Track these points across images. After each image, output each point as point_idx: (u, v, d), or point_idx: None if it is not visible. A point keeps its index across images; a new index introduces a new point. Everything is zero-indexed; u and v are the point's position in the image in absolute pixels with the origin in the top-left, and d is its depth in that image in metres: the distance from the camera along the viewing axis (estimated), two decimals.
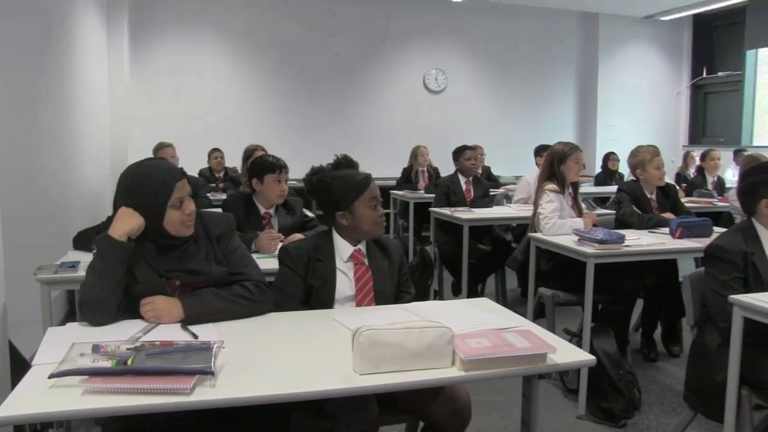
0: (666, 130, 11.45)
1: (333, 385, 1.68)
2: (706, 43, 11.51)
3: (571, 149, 4.30)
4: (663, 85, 11.54)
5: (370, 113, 9.91)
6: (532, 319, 3.98)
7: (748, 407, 2.56)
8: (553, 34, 10.91)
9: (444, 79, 10.28)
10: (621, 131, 10.86)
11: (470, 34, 10.34)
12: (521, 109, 10.76)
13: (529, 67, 10.78)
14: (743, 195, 2.88)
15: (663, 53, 11.48)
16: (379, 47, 9.88)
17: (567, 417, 3.55)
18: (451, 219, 5.24)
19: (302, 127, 9.54)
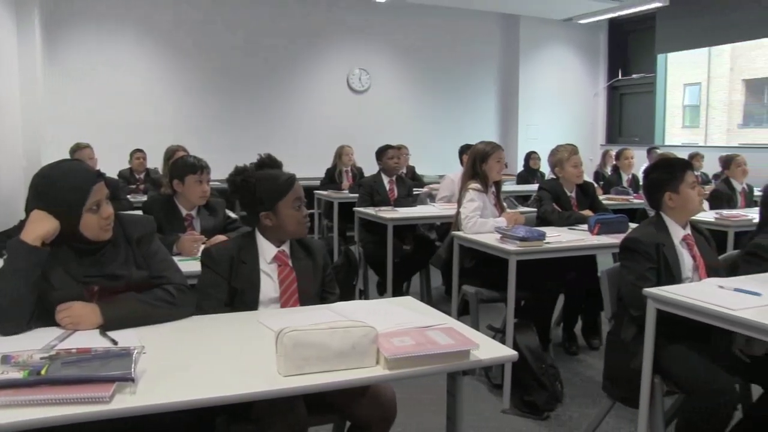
0: (584, 129, 11.79)
1: (257, 387, 1.66)
2: (621, 46, 11.91)
3: (493, 148, 4.37)
4: (581, 86, 11.88)
5: (294, 113, 9.84)
6: (457, 317, 4.05)
7: (659, 394, 2.66)
8: (476, 35, 11.08)
9: (368, 79, 10.30)
10: (542, 130, 11.12)
11: (394, 34, 10.40)
12: (444, 108, 10.89)
13: (452, 67, 10.91)
14: (648, 192, 3.02)
15: (581, 55, 11.81)
16: (302, 47, 9.82)
17: (492, 411, 3.61)
18: (376, 218, 5.26)
19: (224, 127, 9.39)
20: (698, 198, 2.93)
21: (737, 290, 2.51)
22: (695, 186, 2.92)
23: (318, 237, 7.76)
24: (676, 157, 3.41)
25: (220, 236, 3.39)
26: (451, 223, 4.46)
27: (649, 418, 2.67)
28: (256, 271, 2.44)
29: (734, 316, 2.24)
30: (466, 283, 4.15)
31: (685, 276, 2.83)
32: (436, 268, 4.86)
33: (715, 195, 6.17)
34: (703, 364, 2.55)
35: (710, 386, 2.47)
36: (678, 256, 2.85)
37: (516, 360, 2.03)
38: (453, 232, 4.25)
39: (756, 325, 2.18)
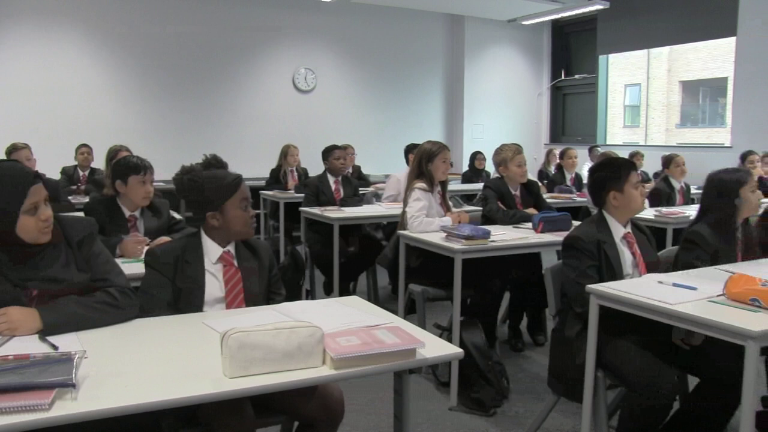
0: (528, 128, 11.96)
1: (203, 390, 1.64)
2: (564, 47, 12.13)
3: (439, 148, 4.39)
4: (525, 86, 12.04)
5: (239, 113, 9.74)
6: (403, 316, 4.06)
7: (602, 388, 2.72)
8: (421, 35, 11.13)
9: (313, 79, 10.26)
10: (487, 130, 11.24)
11: (339, 33, 10.38)
12: (391, 108, 10.91)
13: (398, 67, 10.95)
14: (592, 189, 3.07)
15: (525, 56, 11.98)
16: (247, 46, 9.72)
17: (439, 409, 3.63)
18: (321, 218, 5.24)
19: (169, 127, 9.23)
20: (641, 198, 3.00)
21: (675, 285, 2.58)
22: (638, 186, 2.99)
23: (264, 237, 7.71)
24: (621, 157, 3.51)
25: (164, 237, 3.34)
26: (397, 223, 4.47)
27: (592, 411, 2.73)
28: (201, 271, 2.42)
29: (673, 310, 2.31)
30: (413, 282, 4.16)
31: (626, 272, 2.90)
32: (382, 267, 4.86)
33: (654, 193, 6.34)
34: (643, 357, 2.62)
35: (650, 379, 2.53)
36: (619, 254, 2.91)
37: (462, 357, 2.05)
38: (399, 231, 4.25)
39: (693, 318, 2.26)
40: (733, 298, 2.37)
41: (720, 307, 2.32)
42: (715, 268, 2.92)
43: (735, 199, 3.12)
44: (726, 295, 2.41)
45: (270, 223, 7.68)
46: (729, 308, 2.31)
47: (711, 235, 3.08)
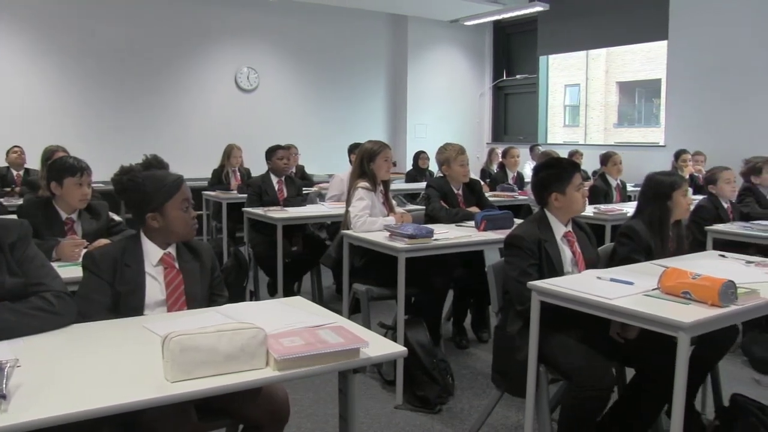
0: (471, 128, 12.07)
1: (144, 395, 1.60)
2: (505, 48, 12.29)
3: (381, 147, 4.40)
4: (468, 86, 12.15)
5: (180, 113, 9.58)
6: (348, 315, 4.06)
7: (545, 382, 2.77)
8: (364, 34, 11.14)
9: (256, 78, 10.16)
10: (430, 129, 11.30)
11: (282, 32, 10.30)
12: (334, 108, 10.88)
13: (341, 66, 10.93)
14: (535, 189, 3.13)
15: (467, 56, 12.08)
16: (189, 45, 9.55)
17: (385, 408, 3.65)
18: (265, 219, 5.20)
19: (107, 127, 8.99)
20: (582, 200, 3.07)
21: (613, 280, 2.66)
22: (581, 188, 3.05)
23: (207, 239, 7.61)
24: (565, 158, 3.60)
25: (103, 240, 3.26)
26: (341, 222, 4.47)
27: (535, 405, 2.77)
28: (141, 274, 2.37)
29: (611, 304, 2.37)
30: (357, 282, 4.16)
31: (566, 270, 2.96)
32: (326, 267, 4.86)
33: (592, 191, 6.48)
34: (582, 351, 2.68)
35: (590, 372, 2.60)
36: (559, 252, 2.98)
37: (406, 356, 2.06)
38: (343, 231, 4.25)
39: (629, 312, 2.33)
40: (666, 292, 2.46)
41: (654, 301, 2.40)
42: (651, 263, 3.03)
43: (668, 201, 3.25)
44: (660, 288, 2.49)
45: (213, 224, 7.58)
46: (663, 301, 2.39)
47: (645, 231, 3.21)
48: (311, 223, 5.82)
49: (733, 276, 2.43)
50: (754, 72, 8.14)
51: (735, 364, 4.33)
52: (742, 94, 8.25)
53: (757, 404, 3.12)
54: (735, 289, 2.35)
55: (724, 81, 8.42)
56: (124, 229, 3.58)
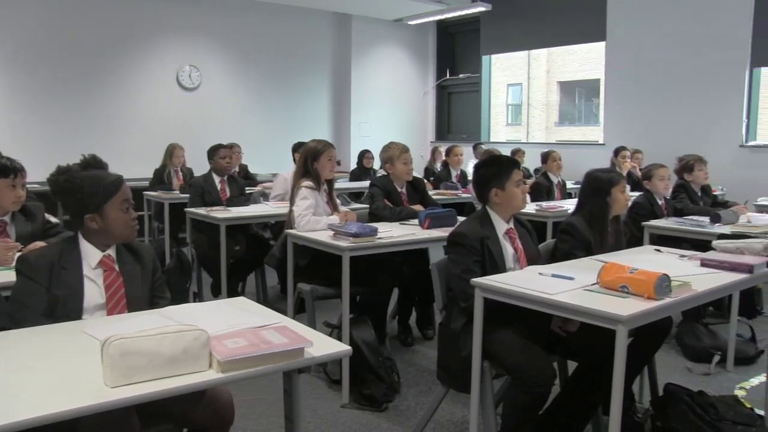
0: (415, 126, 12.14)
1: (82, 402, 1.56)
2: (449, 47, 12.39)
3: (325, 147, 4.39)
4: (411, 85, 12.21)
5: (120, 111, 9.35)
6: (293, 315, 4.04)
7: (489, 378, 2.81)
8: (308, 33, 11.07)
9: (198, 76, 10.00)
10: (374, 128, 11.32)
11: (226, 30, 10.16)
12: (278, 106, 10.80)
13: (285, 65, 10.84)
14: (476, 186, 3.17)
15: (411, 55, 12.14)
16: (128, 41, 9.32)
17: (331, 407, 3.63)
18: (208, 219, 5.13)
19: (44, 126, 8.70)
20: (522, 195, 3.12)
21: (554, 276, 2.70)
22: (520, 184, 3.10)
23: (148, 240, 7.48)
24: (504, 155, 3.67)
25: (38, 243, 3.15)
26: (285, 222, 4.44)
27: (480, 401, 2.80)
28: (79, 277, 2.31)
29: (552, 300, 2.42)
30: (302, 281, 4.14)
31: (509, 266, 3.01)
32: (270, 267, 4.82)
33: (535, 188, 6.59)
34: (524, 346, 2.72)
35: (531, 366, 2.64)
36: (501, 249, 3.02)
37: (351, 354, 2.06)
38: (286, 230, 4.23)
39: (570, 307, 2.38)
40: (605, 286, 2.51)
41: (594, 295, 2.45)
42: (591, 259, 3.09)
43: (607, 197, 3.33)
44: (599, 283, 2.55)
45: (154, 225, 7.45)
46: (602, 296, 2.44)
47: (585, 227, 3.29)
48: (255, 223, 5.77)
49: (667, 270, 2.51)
50: (688, 72, 8.39)
51: (669, 353, 4.47)
52: (677, 93, 8.50)
53: (688, 391, 3.27)
54: (669, 282, 2.42)
55: (660, 81, 8.67)
56: (61, 231, 3.48)
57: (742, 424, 3.06)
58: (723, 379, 4.14)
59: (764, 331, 3.78)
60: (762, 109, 9.35)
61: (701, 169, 5.50)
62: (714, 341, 4.44)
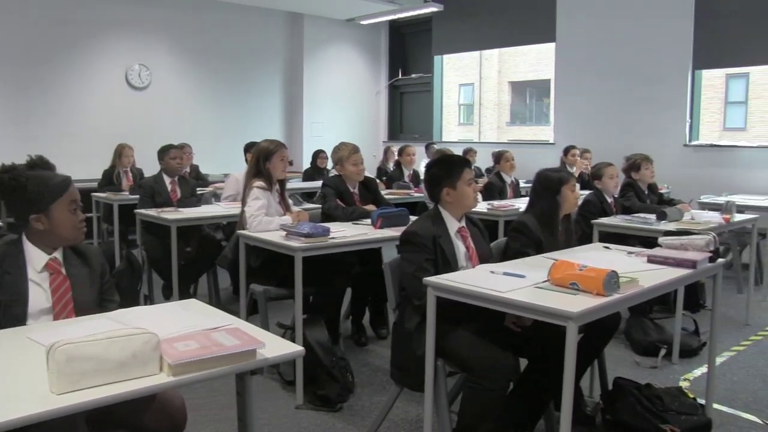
0: (368, 126, 12.15)
1: (26, 410, 1.51)
2: (401, 47, 12.43)
3: (277, 147, 4.37)
4: (364, 84, 12.21)
5: (68, 111, 9.13)
6: (246, 317, 4.01)
7: (443, 376, 2.83)
8: (260, 31, 10.98)
9: (148, 75, 9.84)
10: (327, 128, 11.29)
11: (176, 28, 10.01)
12: (229, 106, 10.69)
13: (236, 64, 10.73)
14: (428, 185, 3.19)
15: (363, 55, 12.14)
16: (74, 39, 9.09)
17: (286, 408, 3.62)
18: (158, 220, 5.06)
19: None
20: (473, 194, 3.15)
21: (506, 274, 2.74)
22: (471, 183, 3.13)
23: (97, 242, 7.33)
24: (455, 154, 3.70)
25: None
26: (237, 223, 4.41)
27: (434, 399, 2.82)
28: (24, 281, 2.25)
29: (504, 297, 2.45)
30: (254, 282, 4.11)
31: (461, 265, 3.03)
32: (223, 268, 4.78)
33: (487, 187, 6.66)
34: (478, 343, 2.75)
35: (485, 363, 2.67)
36: (453, 247, 3.04)
37: (304, 355, 2.05)
38: (238, 231, 4.20)
39: (521, 304, 2.41)
40: (556, 284, 2.55)
41: (545, 292, 2.49)
42: (541, 257, 3.14)
43: (557, 195, 3.39)
44: (550, 280, 2.59)
45: (103, 227, 7.31)
46: (552, 293, 2.48)
47: (535, 225, 3.34)
48: (206, 224, 5.71)
49: (615, 266, 2.56)
50: (634, 74, 8.57)
51: (618, 348, 4.57)
52: (624, 94, 8.68)
53: (636, 384, 3.41)
54: (617, 278, 2.48)
55: (608, 82, 8.83)
56: (4, 233, 3.40)
57: (686, 414, 3.23)
58: (669, 372, 4.25)
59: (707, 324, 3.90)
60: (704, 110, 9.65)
61: (648, 167, 5.62)
62: (660, 335, 4.56)
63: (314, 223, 4.06)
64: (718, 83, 18.81)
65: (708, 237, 3.19)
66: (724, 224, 4.99)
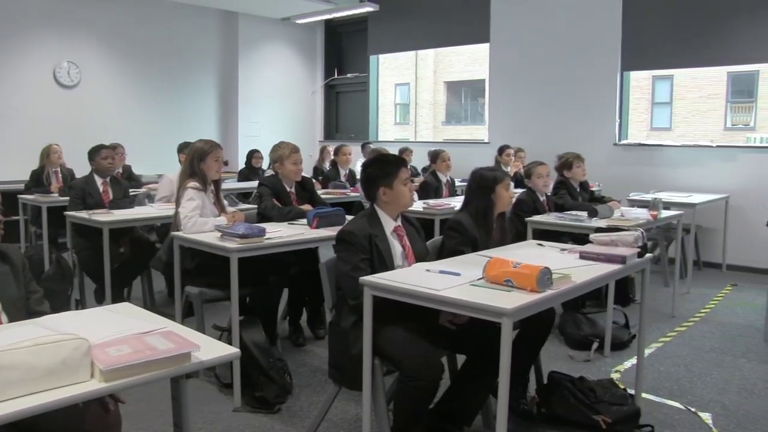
0: (304, 126, 12.08)
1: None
2: (337, 46, 12.40)
3: (211, 147, 4.31)
4: (300, 84, 12.14)
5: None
6: (181, 320, 3.96)
7: (380, 375, 2.84)
8: (194, 30, 10.80)
9: (77, 73, 9.55)
10: (263, 127, 11.19)
11: (106, 25, 9.73)
12: (163, 106, 10.47)
13: (170, 63, 10.52)
14: (364, 185, 3.20)
15: (299, 54, 12.07)
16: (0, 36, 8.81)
17: (223, 411, 3.58)
18: (90, 222, 4.93)
19: None
20: (409, 194, 3.17)
21: (442, 272, 2.76)
22: (407, 183, 3.15)
23: (25, 246, 7.10)
24: (392, 154, 3.72)
25: None
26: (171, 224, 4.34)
27: (372, 398, 2.83)
28: None
29: (439, 295, 2.47)
30: (189, 284, 4.06)
31: (397, 264, 3.05)
32: (157, 270, 4.69)
33: (423, 186, 6.71)
34: (413, 342, 2.77)
35: (420, 361, 2.69)
36: (389, 246, 3.06)
37: (240, 357, 2.04)
38: (173, 232, 4.13)
39: (457, 302, 2.44)
40: (491, 281, 2.59)
41: (480, 290, 2.52)
42: (477, 255, 3.19)
43: (491, 194, 3.44)
44: (485, 278, 2.62)
45: (31, 230, 7.09)
46: (487, 290, 2.52)
47: (471, 224, 3.39)
48: (140, 226, 5.59)
49: (549, 263, 2.62)
50: (566, 74, 8.76)
51: (553, 342, 4.67)
52: (556, 94, 8.86)
53: (570, 378, 3.52)
54: (550, 275, 2.53)
55: (541, 82, 9.00)
56: None
57: (617, 404, 3.36)
58: (601, 364, 4.37)
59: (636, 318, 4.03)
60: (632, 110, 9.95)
61: (579, 166, 5.75)
62: (593, 329, 4.69)
63: (250, 223, 4.03)
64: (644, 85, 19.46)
65: (636, 233, 3.29)
66: (652, 221, 5.16)
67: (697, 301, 6.06)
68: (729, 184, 7.47)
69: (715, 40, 7.64)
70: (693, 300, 6.08)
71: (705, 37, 7.70)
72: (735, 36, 7.49)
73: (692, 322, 5.35)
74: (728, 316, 5.56)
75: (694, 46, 7.83)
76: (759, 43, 7.33)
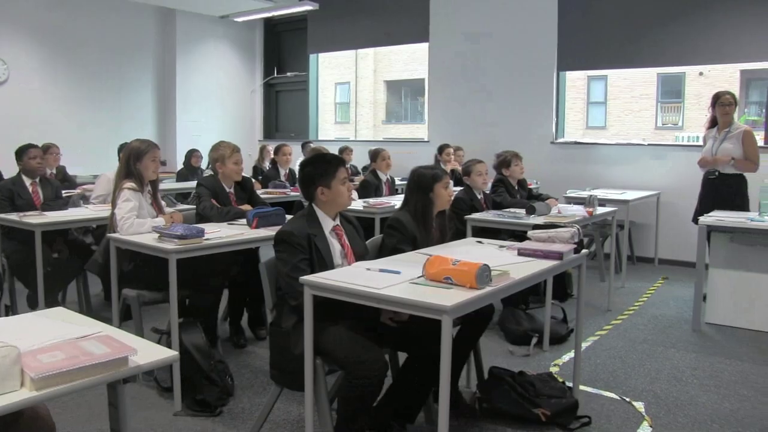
0: (243, 125, 11.97)
1: None
2: (276, 45, 12.32)
3: (148, 147, 4.24)
4: (239, 82, 12.02)
5: None
6: (119, 323, 3.88)
7: (322, 374, 2.83)
8: (129, 27, 10.56)
9: (5, 70, 9.22)
10: (202, 127, 11.03)
11: (37, 21, 9.43)
12: (99, 104, 10.21)
13: (105, 60, 10.26)
14: (302, 184, 3.20)
15: (238, 53, 11.94)
16: None
17: (164, 416, 3.52)
18: (20, 225, 4.78)
19: None
20: (347, 193, 3.17)
21: (382, 270, 2.78)
22: (346, 182, 3.16)
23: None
24: (330, 153, 3.72)
25: None
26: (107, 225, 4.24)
27: (314, 398, 2.82)
28: None
29: (380, 294, 2.48)
30: (127, 287, 3.97)
31: (336, 263, 3.05)
32: (93, 273, 4.58)
33: (364, 185, 6.73)
34: (354, 340, 2.78)
35: (362, 360, 2.69)
36: (329, 245, 3.06)
37: (180, 360, 2.01)
38: (109, 234, 4.04)
39: (397, 300, 2.45)
40: (430, 279, 2.62)
41: (420, 288, 2.54)
42: (416, 253, 3.22)
43: (430, 193, 3.48)
44: (425, 276, 2.65)
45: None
46: (427, 288, 2.54)
47: (411, 222, 3.42)
48: (75, 228, 5.45)
49: (488, 260, 2.66)
50: (504, 74, 8.89)
51: (493, 338, 4.75)
52: (494, 93, 8.98)
53: (510, 373, 3.59)
54: (489, 271, 2.57)
55: (479, 81, 9.11)
56: None
57: (556, 397, 3.45)
58: (540, 358, 4.46)
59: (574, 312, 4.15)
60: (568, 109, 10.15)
61: (517, 164, 5.84)
62: (532, 324, 4.78)
63: (188, 224, 3.98)
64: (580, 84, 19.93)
65: (573, 230, 3.37)
66: (588, 217, 5.29)
67: (631, 294, 6.24)
68: (660, 182, 7.71)
69: (646, 43, 7.87)
70: (627, 294, 6.26)
71: (637, 39, 7.94)
72: (665, 38, 7.73)
73: (626, 315, 5.51)
74: (660, 309, 5.75)
75: (626, 48, 8.06)
76: (687, 45, 7.59)
